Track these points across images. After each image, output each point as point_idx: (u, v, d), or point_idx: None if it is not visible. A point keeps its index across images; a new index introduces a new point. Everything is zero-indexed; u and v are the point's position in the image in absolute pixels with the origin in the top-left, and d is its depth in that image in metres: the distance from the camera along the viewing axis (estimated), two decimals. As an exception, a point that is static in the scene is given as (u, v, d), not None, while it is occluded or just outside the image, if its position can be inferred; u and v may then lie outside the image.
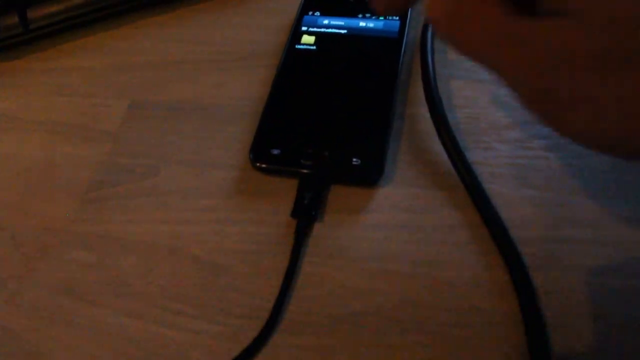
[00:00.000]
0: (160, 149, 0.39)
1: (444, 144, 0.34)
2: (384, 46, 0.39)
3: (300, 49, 0.40)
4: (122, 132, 0.40)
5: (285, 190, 0.35)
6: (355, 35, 0.40)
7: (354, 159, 0.34)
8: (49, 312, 0.34)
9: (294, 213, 0.34)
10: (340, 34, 0.40)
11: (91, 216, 0.37)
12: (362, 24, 0.41)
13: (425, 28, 0.39)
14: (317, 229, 0.34)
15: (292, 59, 0.40)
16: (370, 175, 0.34)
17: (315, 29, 0.41)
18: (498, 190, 0.33)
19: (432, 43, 0.38)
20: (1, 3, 0.45)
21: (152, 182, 0.37)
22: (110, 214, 0.37)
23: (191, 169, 0.37)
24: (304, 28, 0.41)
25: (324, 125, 0.36)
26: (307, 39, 0.40)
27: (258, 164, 0.35)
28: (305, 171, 0.35)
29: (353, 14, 0.41)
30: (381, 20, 0.40)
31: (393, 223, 0.33)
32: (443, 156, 0.34)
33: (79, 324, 0.33)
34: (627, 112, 0.20)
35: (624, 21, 0.19)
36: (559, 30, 0.20)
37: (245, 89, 0.41)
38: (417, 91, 0.38)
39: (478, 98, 0.37)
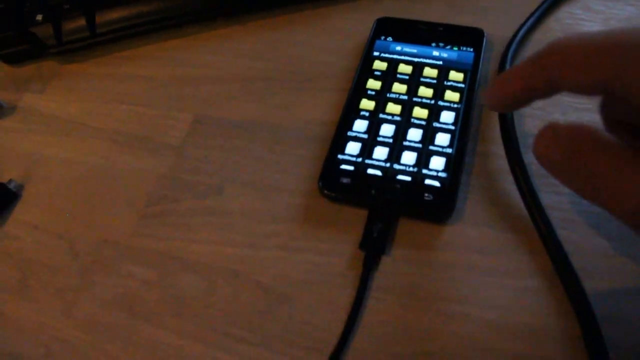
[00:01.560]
0: (224, 167, 0.38)
1: (519, 186, 0.33)
2: (459, 75, 0.38)
3: (374, 70, 0.40)
4: (185, 147, 0.40)
5: (353, 221, 0.35)
6: (428, 64, 0.39)
7: (426, 194, 0.34)
8: (105, 326, 0.33)
9: (363, 245, 0.33)
10: (412, 61, 0.40)
11: (151, 231, 0.36)
12: (435, 52, 0.40)
13: (502, 62, 0.38)
14: (385, 263, 0.33)
15: (365, 81, 0.39)
16: (441, 212, 0.34)
17: (387, 55, 0.40)
18: (571, 237, 0.32)
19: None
20: (70, 7, 0.45)
21: (215, 202, 0.37)
22: (171, 231, 0.36)
23: (256, 191, 0.37)
24: (375, 53, 0.40)
25: (397, 156, 0.36)
26: (380, 65, 0.40)
27: (327, 192, 0.35)
28: (375, 202, 0.34)
29: (425, 42, 0.41)
30: (455, 50, 0.40)
31: (463, 263, 0.33)
32: (515, 197, 0.34)
33: (136, 342, 0.33)
34: None
35: None
36: None
37: (313, 112, 0.40)
38: (490, 128, 0.37)
39: (551, 139, 0.36)
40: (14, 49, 0.46)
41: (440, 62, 0.39)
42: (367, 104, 0.38)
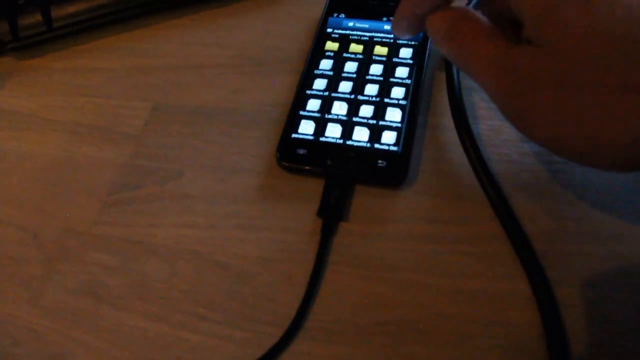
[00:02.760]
0: (182, 152, 0.39)
1: (468, 156, 0.34)
2: (409, 51, 0.39)
3: (326, 51, 0.40)
4: (144, 135, 0.40)
5: (310, 194, 0.35)
6: (379, 40, 0.40)
7: (380, 161, 0.34)
8: (71, 313, 0.34)
9: (320, 212, 0.34)
10: (364, 39, 0.40)
11: (113, 219, 0.37)
12: (386, 27, 0.41)
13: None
14: (342, 235, 0.34)
15: (318, 62, 0.40)
16: (394, 177, 0.35)
17: (340, 31, 0.41)
18: (520, 203, 0.34)
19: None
20: (24, 2, 0.45)
21: (175, 186, 0.38)
22: (133, 217, 0.37)
23: (214, 174, 0.38)
24: (329, 30, 0.41)
25: (350, 127, 0.37)
26: (332, 45, 0.40)
27: (284, 163, 0.36)
28: (331, 171, 0.35)
29: (377, 17, 0.41)
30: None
31: (417, 233, 0.34)
32: (466, 167, 0.35)
33: (102, 327, 0.33)
34: (577, 124, 0.24)
35: (575, 53, 0.23)
36: (529, 57, 0.25)
37: (267, 95, 0.41)
38: (440, 100, 0.38)
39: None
40: (-30, 47, 0.46)
41: (391, 38, 0.40)
42: (320, 83, 0.39)
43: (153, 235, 0.36)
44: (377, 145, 0.35)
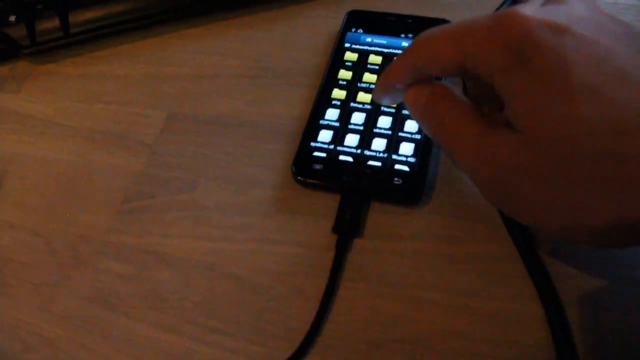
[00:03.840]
0: (197, 163, 0.39)
1: (484, 176, 0.34)
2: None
3: (344, 66, 0.41)
4: (159, 144, 0.41)
5: (325, 210, 0.36)
6: (397, 54, 0.41)
7: (396, 179, 0.35)
8: (83, 321, 0.34)
9: (335, 228, 0.34)
10: (382, 52, 0.41)
11: (127, 227, 0.37)
12: (404, 43, 0.41)
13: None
14: (356, 252, 0.34)
15: (336, 78, 0.40)
16: (410, 195, 0.35)
17: (358, 46, 0.41)
18: (534, 224, 0.34)
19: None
20: (43, 7, 0.45)
21: (189, 197, 0.38)
22: (146, 226, 0.37)
23: (229, 185, 0.38)
24: (347, 44, 0.42)
25: (367, 144, 0.37)
26: (351, 56, 0.41)
27: (300, 178, 0.36)
28: (347, 187, 0.35)
29: (394, 33, 0.42)
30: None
31: (431, 250, 0.34)
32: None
33: (113, 335, 0.33)
34: (557, 211, 0.24)
35: (550, 143, 0.23)
36: (507, 144, 0.24)
37: (284, 107, 0.41)
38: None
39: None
40: (-13, 50, 0.47)
41: None
42: (338, 94, 0.39)
43: (167, 245, 0.36)
44: (394, 156, 0.36)
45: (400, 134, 0.37)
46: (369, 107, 0.38)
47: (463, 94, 0.28)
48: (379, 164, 0.36)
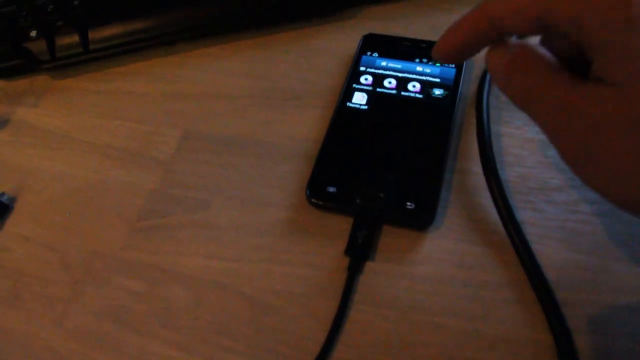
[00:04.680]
0: (211, 182, 0.40)
1: (496, 203, 0.35)
2: (440, 92, 0.40)
3: (359, 88, 0.41)
4: (174, 162, 0.41)
5: (337, 232, 0.36)
6: (412, 79, 0.41)
7: (408, 203, 0.35)
8: (95, 337, 0.34)
9: (348, 251, 0.35)
10: (397, 76, 0.41)
11: (141, 244, 0.37)
12: (419, 68, 0.41)
13: (482, 84, 0.40)
14: (368, 275, 0.34)
15: (351, 100, 0.41)
16: (422, 220, 0.35)
17: (373, 70, 0.42)
18: (545, 251, 0.34)
19: (488, 99, 0.39)
20: (63, 23, 0.46)
21: (203, 216, 0.38)
22: (160, 244, 0.37)
23: (243, 206, 0.38)
24: (362, 68, 0.42)
25: (380, 167, 0.37)
26: (365, 79, 0.41)
27: (314, 200, 0.36)
28: (360, 210, 0.36)
29: (409, 58, 0.42)
30: (438, 66, 0.41)
31: (441, 275, 0.34)
32: (492, 213, 0.35)
33: (125, 352, 0.34)
34: None
35: None
36: (601, 100, 0.23)
37: (299, 129, 0.41)
38: (469, 146, 0.39)
39: (527, 157, 0.38)
40: (7, 64, 0.48)
41: (423, 78, 0.41)
42: (354, 118, 0.40)
43: (180, 264, 0.36)
44: (407, 184, 0.36)
45: (413, 160, 0.37)
46: (383, 133, 0.39)
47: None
48: (392, 188, 0.36)
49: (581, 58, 0.24)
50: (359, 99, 0.40)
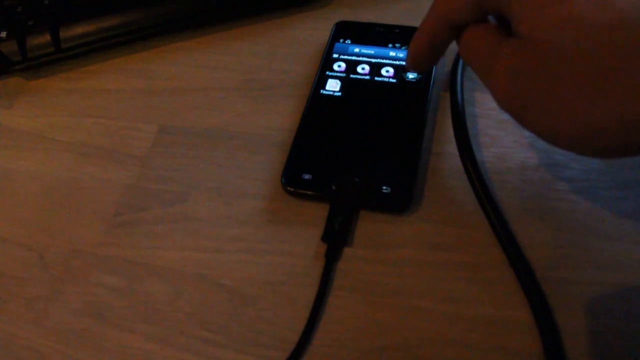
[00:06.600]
0: (188, 175, 0.39)
1: (472, 183, 0.35)
2: (413, 77, 0.40)
3: (332, 76, 0.41)
4: (150, 157, 0.41)
5: (314, 219, 0.36)
6: (385, 64, 0.41)
7: (384, 187, 0.35)
8: (76, 334, 0.34)
9: (325, 237, 0.35)
10: (370, 62, 0.41)
11: (119, 240, 0.37)
12: (392, 53, 0.41)
13: (455, 67, 0.40)
14: (346, 260, 0.34)
15: (324, 87, 0.41)
16: (398, 203, 0.35)
17: (346, 57, 0.42)
18: (523, 230, 0.34)
19: (462, 81, 0.39)
20: (34, 23, 0.45)
21: (180, 209, 0.38)
22: (138, 239, 0.37)
23: (220, 197, 0.38)
24: (335, 55, 0.42)
25: (355, 153, 0.37)
26: (338, 66, 0.41)
27: (290, 188, 0.36)
28: (336, 196, 0.36)
29: (382, 43, 0.42)
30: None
31: (419, 258, 0.34)
32: (469, 194, 0.35)
33: (106, 348, 0.33)
34: (565, 114, 0.24)
35: (550, 43, 0.24)
36: (513, 50, 0.26)
37: (274, 119, 0.41)
38: (445, 128, 0.39)
39: (503, 137, 0.38)
40: (-21, 66, 0.47)
41: (397, 63, 0.41)
42: (328, 105, 0.40)
43: (158, 258, 0.36)
44: (383, 168, 0.36)
45: (388, 144, 0.37)
46: (358, 118, 0.39)
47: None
48: (367, 172, 0.36)
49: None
50: (333, 86, 0.40)
